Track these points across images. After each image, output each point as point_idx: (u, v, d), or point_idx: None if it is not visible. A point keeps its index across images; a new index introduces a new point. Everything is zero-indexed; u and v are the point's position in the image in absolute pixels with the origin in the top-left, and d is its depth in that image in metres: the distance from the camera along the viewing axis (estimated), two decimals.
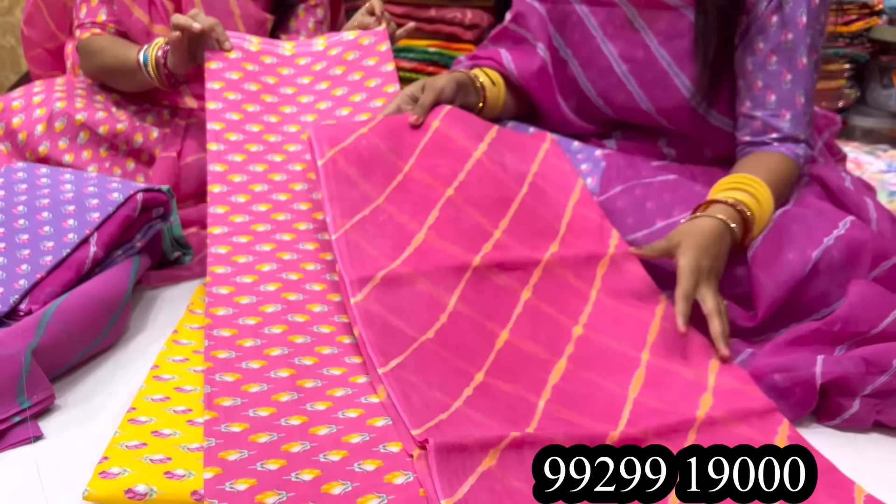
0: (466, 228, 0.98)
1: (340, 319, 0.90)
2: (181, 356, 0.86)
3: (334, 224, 0.94)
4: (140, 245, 1.02)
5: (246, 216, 1.02)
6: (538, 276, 0.97)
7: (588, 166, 1.16)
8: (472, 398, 0.81)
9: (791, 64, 1.06)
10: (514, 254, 0.97)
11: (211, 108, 1.13)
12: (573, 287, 0.98)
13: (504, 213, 1.01)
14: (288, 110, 1.17)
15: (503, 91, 1.22)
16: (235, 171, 1.07)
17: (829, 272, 0.95)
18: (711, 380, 0.87)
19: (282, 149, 1.12)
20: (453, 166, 1.02)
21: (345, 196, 0.96)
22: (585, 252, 1.01)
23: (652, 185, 1.10)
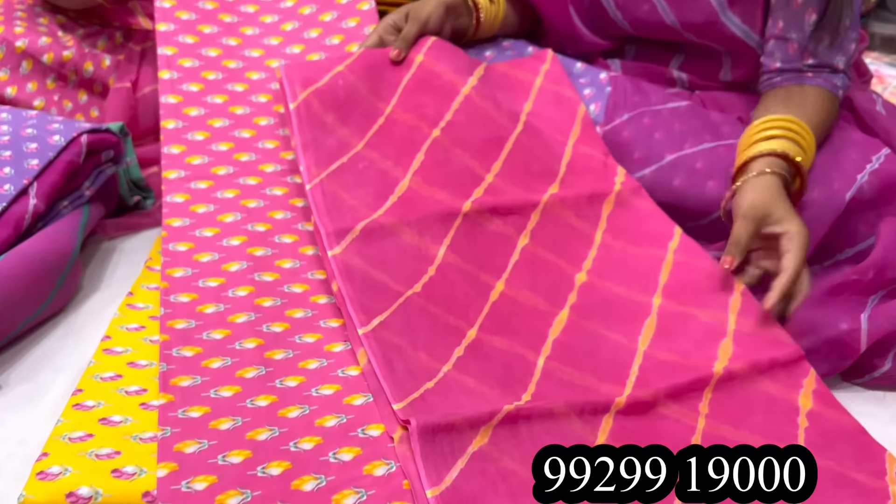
0: (455, 172, 0.87)
1: (315, 276, 0.81)
2: (136, 323, 0.77)
3: (308, 174, 0.83)
4: (89, 193, 0.92)
5: (205, 157, 0.91)
6: (536, 220, 0.87)
7: (591, 91, 1.04)
8: (462, 360, 0.73)
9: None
10: (509, 197, 0.87)
11: (161, 30, 1.00)
12: (576, 230, 0.88)
13: (497, 155, 0.90)
14: (250, 32, 1.04)
15: (502, 6, 1.08)
16: (191, 102, 0.95)
17: (859, 210, 0.85)
18: (732, 322, 0.78)
19: (244, 76, 1.00)
20: (439, 105, 0.90)
21: (320, 143, 0.86)
22: (588, 191, 0.91)
23: (661, 112, 0.98)
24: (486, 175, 0.88)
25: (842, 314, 0.76)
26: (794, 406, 0.71)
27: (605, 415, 0.68)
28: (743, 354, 0.74)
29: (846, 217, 0.85)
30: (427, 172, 0.86)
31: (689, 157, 0.93)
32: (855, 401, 0.75)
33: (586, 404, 0.68)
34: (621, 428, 0.68)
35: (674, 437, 0.68)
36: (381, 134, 0.89)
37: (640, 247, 0.87)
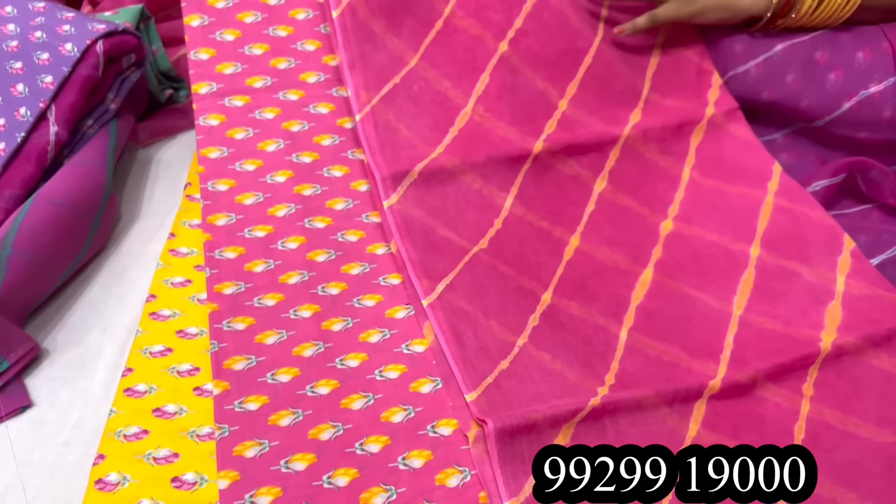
0: (525, 100, 0.74)
1: (370, 219, 0.72)
2: (181, 276, 0.71)
3: (357, 99, 0.72)
4: (115, 107, 0.82)
5: (237, 64, 0.79)
6: (615, 159, 0.75)
7: None
8: (538, 330, 0.66)
9: None
10: (587, 131, 0.75)
11: None
12: (660, 168, 0.76)
13: (573, 74, 0.76)
14: None
15: None
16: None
17: None
18: (840, 283, 0.69)
19: None
20: (508, 8, 0.75)
21: (369, 60, 0.73)
22: (676, 118, 0.78)
23: None
24: (559, 102, 0.75)
25: None
26: None
27: (698, 401, 0.62)
28: (854, 323, 0.65)
29: None
30: (492, 100, 0.74)
31: (804, 44, 0.77)
32: None
33: (677, 391, 0.61)
34: (715, 414, 0.62)
35: (774, 424, 0.62)
36: (439, 44, 0.76)
37: (734, 185, 0.75)
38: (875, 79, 0.75)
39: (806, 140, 0.81)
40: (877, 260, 0.71)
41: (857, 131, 0.77)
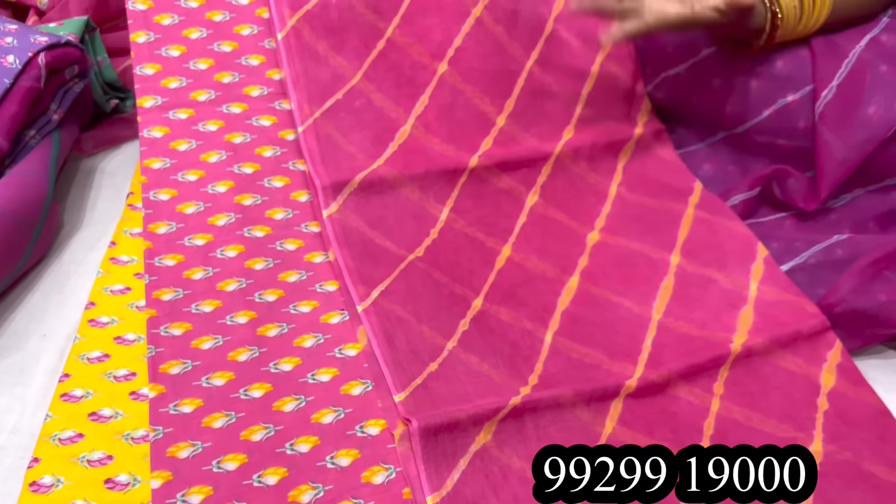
0: (462, 119, 0.78)
1: (309, 228, 0.75)
2: (121, 284, 0.73)
3: (300, 112, 0.75)
4: (57, 118, 0.83)
5: (182, 78, 0.81)
6: (546, 174, 0.79)
7: None
8: (467, 335, 0.69)
9: None
10: (520, 148, 0.79)
11: None
12: (588, 184, 0.80)
13: (509, 91, 0.80)
14: None
15: None
16: (163, 8, 0.83)
17: None
18: (753, 289, 0.74)
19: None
20: (447, 28, 0.79)
21: (312, 77, 0.76)
22: (606, 137, 0.82)
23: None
24: (496, 118, 0.79)
25: (880, 284, 0.70)
26: (815, 384, 0.68)
27: (615, 399, 0.65)
28: (764, 326, 0.70)
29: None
30: (431, 118, 0.77)
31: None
32: (884, 370, 0.71)
33: (595, 391, 0.64)
34: (630, 412, 0.65)
35: (685, 420, 0.65)
36: (380, 61, 0.79)
37: (658, 199, 0.79)
38: (792, 88, 0.79)
39: (727, 150, 0.85)
40: (787, 266, 0.76)
41: (775, 139, 0.81)
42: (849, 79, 0.77)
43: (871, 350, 0.73)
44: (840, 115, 0.76)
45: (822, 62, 0.78)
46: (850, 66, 0.77)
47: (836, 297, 0.71)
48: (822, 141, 0.77)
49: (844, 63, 0.77)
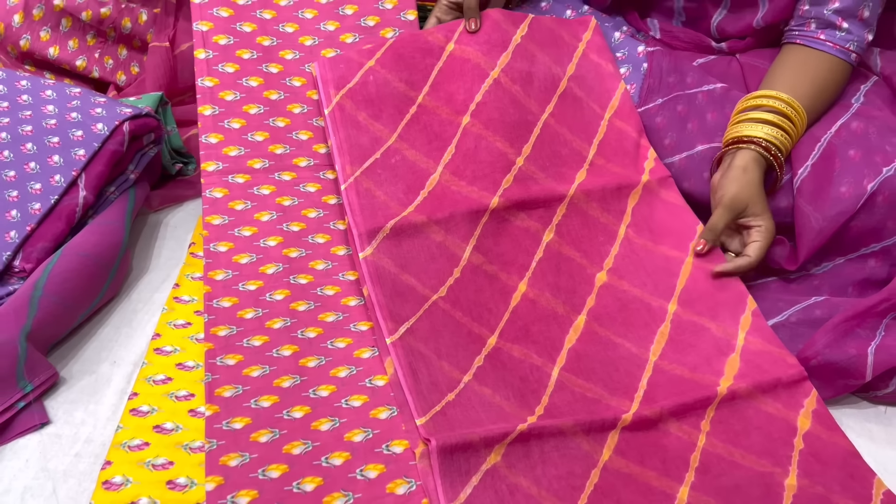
0: (485, 160, 0.89)
1: (346, 277, 0.86)
2: (183, 319, 0.84)
3: (343, 173, 0.87)
4: (134, 177, 0.96)
5: (241, 148, 0.93)
6: (562, 214, 0.89)
7: (628, 70, 1.03)
8: (482, 370, 0.78)
9: None
10: (538, 188, 0.90)
11: (195, 2, 1.00)
12: (600, 224, 0.90)
13: (527, 137, 0.92)
14: (284, 2, 1.03)
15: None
16: (227, 86, 0.97)
17: (886, 205, 0.85)
18: (741, 339, 0.82)
19: (278, 56, 1.00)
20: (469, 89, 0.92)
21: (354, 142, 0.88)
22: (616, 180, 0.93)
23: (695, 98, 0.97)
24: (516, 158, 0.90)
25: (850, 340, 0.78)
26: (792, 426, 0.76)
27: (612, 431, 0.73)
28: (748, 372, 0.78)
29: (872, 212, 0.85)
30: (457, 164, 0.89)
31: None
32: (855, 417, 0.79)
33: (594, 422, 0.73)
34: (625, 443, 0.73)
35: (674, 453, 0.73)
36: (413, 124, 0.91)
37: (661, 244, 0.89)
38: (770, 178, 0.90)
39: None
40: (771, 322, 0.84)
41: None
42: (821, 160, 0.87)
43: (844, 399, 0.81)
44: (815, 191, 0.86)
45: (798, 146, 0.89)
46: (821, 149, 0.88)
47: (812, 350, 0.79)
48: (800, 212, 0.87)
49: (817, 146, 0.88)
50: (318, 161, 0.94)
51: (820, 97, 0.91)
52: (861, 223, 0.86)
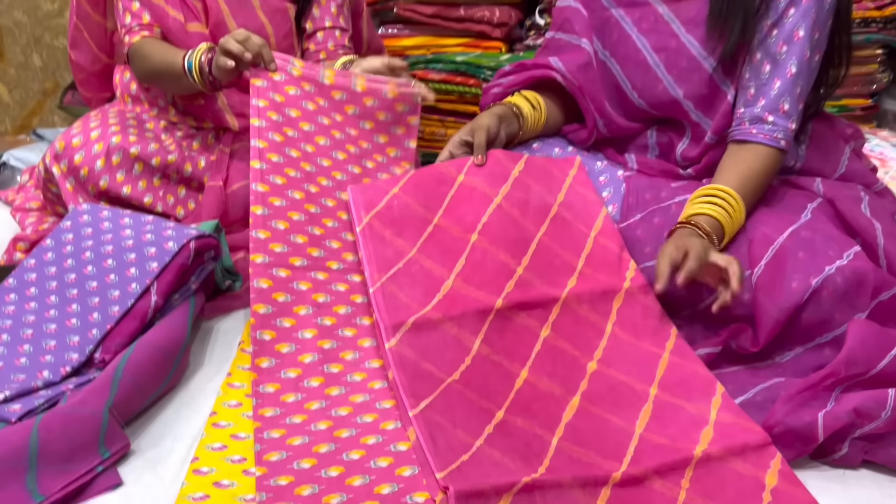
0: (490, 269, 1.06)
1: (371, 365, 1.01)
2: (235, 400, 0.98)
3: (371, 279, 1.04)
4: (195, 287, 1.14)
5: (284, 246, 1.09)
6: (557, 314, 1.05)
7: (609, 193, 1.23)
8: (492, 436, 0.91)
9: (780, 53, 1.13)
10: (535, 291, 1.06)
11: (255, 125, 1.18)
12: (589, 322, 1.06)
13: (525, 251, 1.09)
14: (322, 142, 1.24)
15: (543, 111, 1.29)
16: (276, 193, 1.13)
17: (831, 299, 1.00)
18: (713, 415, 0.95)
19: (316, 181, 1.19)
20: (476, 212, 1.10)
21: (380, 255, 1.06)
22: (602, 286, 1.09)
23: (669, 209, 1.15)
24: (517, 268, 1.07)
25: (805, 409, 0.92)
26: (760, 483, 0.87)
27: (604, 486, 0.85)
28: (720, 439, 0.91)
29: (819, 306, 1.00)
30: (467, 273, 1.06)
31: None
32: (818, 478, 0.91)
33: (588, 478, 0.85)
34: (616, 497, 0.85)
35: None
36: (430, 240, 1.10)
37: (643, 341, 1.04)
38: None
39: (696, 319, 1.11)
40: (739, 400, 0.98)
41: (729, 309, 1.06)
42: (774, 260, 1.04)
43: (807, 463, 0.93)
44: (770, 285, 1.02)
45: (755, 248, 1.06)
46: (775, 251, 1.05)
47: (774, 419, 0.92)
48: (758, 304, 1.02)
49: (771, 248, 1.05)
50: (345, 266, 1.11)
51: (755, 179, 1.11)
52: (811, 315, 1.01)
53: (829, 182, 1.20)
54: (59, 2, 2.28)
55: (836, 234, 1.07)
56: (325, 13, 1.51)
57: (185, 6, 1.41)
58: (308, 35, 1.52)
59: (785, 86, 1.12)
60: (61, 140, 1.36)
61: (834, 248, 1.03)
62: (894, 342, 0.96)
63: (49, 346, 1.04)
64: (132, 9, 1.40)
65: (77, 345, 1.03)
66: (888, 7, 1.71)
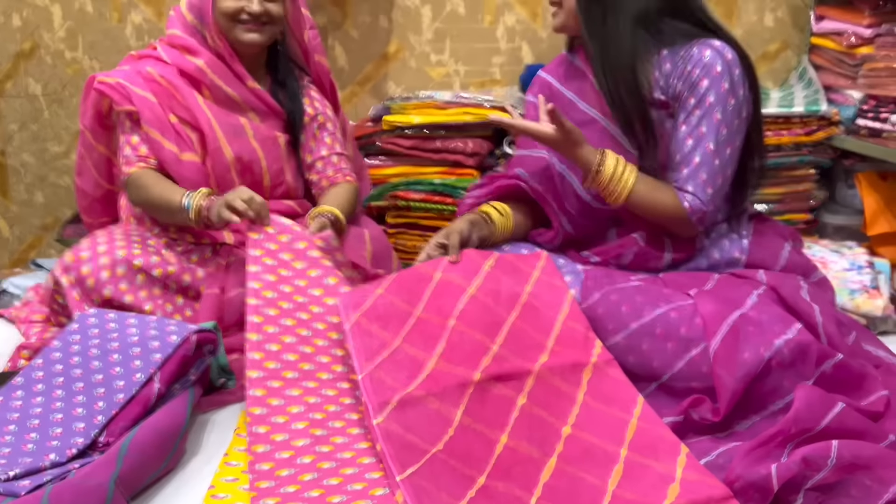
0: (468, 348, 1.16)
1: (360, 446, 1.08)
2: (232, 476, 1.04)
3: (360, 368, 1.13)
4: (194, 378, 1.22)
5: (277, 363, 1.19)
6: (531, 384, 1.14)
7: (571, 278, 1.35)
8: (474, 499, 0.98)
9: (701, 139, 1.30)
10: (510, 365, 1.15)
11: (251, 270, 1.31)
12: (562, 391, 1.15)
13: (499, 332, 1.20)
14: (314, 273, 1.36)
15: (511, 218, 1.44)
16: (269, 322, 1.26)
17: (780, 369, 1.11)
18: (679, 473, 1.03)
19: (308, 308, 1.30)
20: (453, 302, 1.22)
21: (367, 347, 1.16)
22: (571, 361, 1.19)
23: (625, 289, 1.28)
24: (492, 346, 1.17)
25: (760, 464, 1.00)
26: None
27: None
28: (686, 494, 0.99)
29: (770, 376, 1.10)
30: (447, 354, 1.15)
31: (648, 324, 1.21)
32: None
33: None
34: None
35: None
36: (413, 331, 1.20)
37: (612, 408, 1.13)
38: (694, 345, 1.17)
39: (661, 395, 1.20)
40: (702, 462, 1.05)
41: (689, 382, 1.16)
42: (728, 336, 1.15)
43: None
44: (725, 358, 1.13)
45: (710, 326, 1.18)
46: (728, 327, 1.16)
47: (734, 475, 1.00)
48: (716, 374, 1.13)
49: (724, 324, 1.16)
50: (334, 377, 1.21)
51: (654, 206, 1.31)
52: (764, 384, 1.11)
53: (771, 273, 1.34)
54: (67, 144, 2.46)
55: (780, 313, 1.20)
56: (320, 144, 1.68)
57: (179, 138, 1.56)
58: (308, 166, 1.68)
59: (704, 160, 1.29)
60: (70, 254, 1.47)
61: (780, 325, 1.15)
62: (835, 403, 1.06)
63: (55, 433, 1.10)
64: (132, 142, 1.56)
65: (82, 430, 1.09)
66: (815, 133, 1.93)
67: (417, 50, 2.30)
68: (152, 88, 1.56)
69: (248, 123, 1.60)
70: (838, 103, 1.97)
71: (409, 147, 1.98)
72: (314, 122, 1.68)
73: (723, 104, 1.28)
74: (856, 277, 1.64)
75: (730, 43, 1.31)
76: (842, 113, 1.93)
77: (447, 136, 1.97)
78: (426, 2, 2.27)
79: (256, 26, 1.54)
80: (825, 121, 1.93)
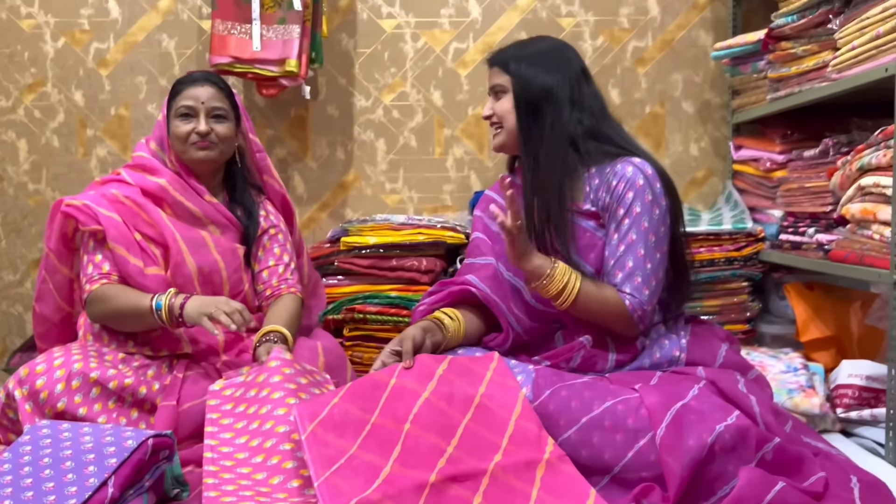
0: (423, 451, 1.19)
1: None
2: None
3: (316, 475, 1.14)
4: (148, 484, 1.20)
5: (234, 478, 1.21)
6: (486, 483, 1.16)
7: (522, 377, 1.40)
8: None
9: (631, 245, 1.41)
10: (465, 465, 1.18)
11: (211, 405, 1.37)
12: (517, 489, 1.17)
13: (453, 434, 1.22)
14: (276, 379, 1.40)
15: (463, 323, 1.50)
16: (225, 444, 1.28)
17: (723, 454, 1.16)
18: None
19: (272, 414, 1.34)
20: (407, 406, 1.25)
21: (324, 455, 1.18)
22: (525, 458, 1.22)
23: (574, 385, 1.33)
24: (447, 448, 1.19)
25: None
26: None
27: None
28: None
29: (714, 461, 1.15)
30: (403, 458, 1.18)
31: (597, 416, 1.25)
32: None
33: None
34: None
35: None
36: (368, 437, 1.22)
37: (565, 501, 1.15)
38: (641, 435, 1.21)
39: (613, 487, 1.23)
40: None
41: (640, 472, 1.20)
42: (672, 424, 1.20)
43: None
44: (671, 445, 1.18)
45: (655, 416, 1.23)
46: (671, 416, 1.22)
47: None
48: (664, 462, 1.17)
49: (668, 414, 1.22)
50: (285, 476, 1.23)
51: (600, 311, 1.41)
52: (709, 469, 1.16)
53: (710, 369, 1.41)
54: (21, 273, 2.48)
55: (720, 403, 1.26)
56: (268, 254, 1.77)
57: (144, 254, 1.62)
58: (255, 274, 1.75)
59: (636, 264, 1.40)
60: (26, 367, 1.47)
61: (720, 412, 1.22)
62: (776, 482, 1.10)
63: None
64: (94, 260, 1.61)
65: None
66: (744, 248, 2.08)
67: (373, 179, 2.44)
68: (117, 209, 1.63)
69: (209, 236, 1.67)
70: (762, 222, 2.14)
71: (366, 266, 2.06)
72: (265, 234, 1.77)
73: (648, 213, 1.41)
74: (792, 378, 1.73)
75: (648, 160, 1.46)
76: (766, 230, 2.10)
77: (402, 254, 2.06)
78: (381, 135, 2.44)
79: (206, 144, 1.66)
80: (752, 237, 2.08)
